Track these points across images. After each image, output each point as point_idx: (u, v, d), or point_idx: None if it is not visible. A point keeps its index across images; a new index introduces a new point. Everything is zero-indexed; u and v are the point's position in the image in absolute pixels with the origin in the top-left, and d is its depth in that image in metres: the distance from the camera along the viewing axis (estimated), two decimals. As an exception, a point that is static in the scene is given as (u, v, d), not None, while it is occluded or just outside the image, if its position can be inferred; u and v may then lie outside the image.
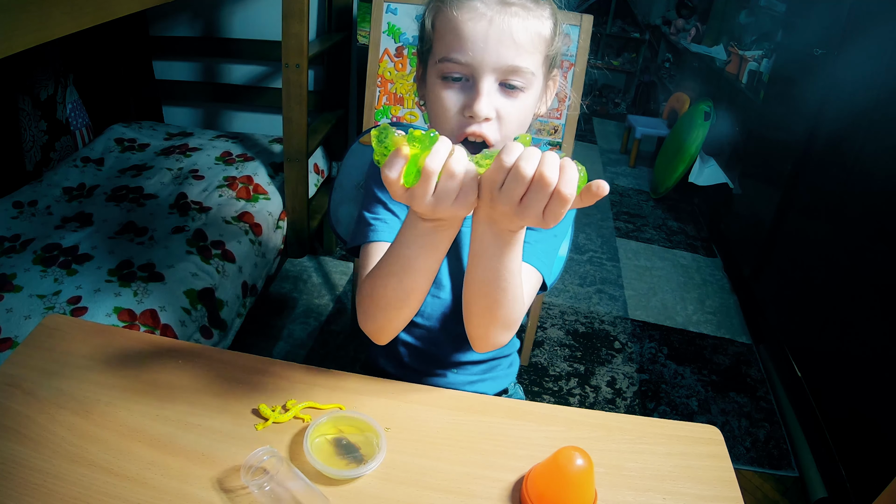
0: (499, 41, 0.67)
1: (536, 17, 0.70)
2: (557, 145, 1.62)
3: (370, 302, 0.73)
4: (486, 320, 0.72)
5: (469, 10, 0.68)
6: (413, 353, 0.93)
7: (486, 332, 0.74)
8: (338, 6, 2.27)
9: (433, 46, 0.72)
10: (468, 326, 0.75)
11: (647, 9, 5.10)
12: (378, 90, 1.63)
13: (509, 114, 0.70)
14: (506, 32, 0.68)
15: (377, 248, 0.80)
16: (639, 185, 3.65)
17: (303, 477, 0.64)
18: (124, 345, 0.82)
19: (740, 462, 1.71)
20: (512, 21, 0.68)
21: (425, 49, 0.75)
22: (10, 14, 0.71)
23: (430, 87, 0.74)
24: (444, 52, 0.70)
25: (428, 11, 0.73)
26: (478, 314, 0.72)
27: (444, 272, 0.88)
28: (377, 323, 0.74)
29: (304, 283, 2.23)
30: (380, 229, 0.82)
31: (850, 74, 1.87)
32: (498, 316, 0.71)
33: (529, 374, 1.96)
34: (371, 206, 0.84)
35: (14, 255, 1.52)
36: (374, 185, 0.85)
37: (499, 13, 0.68)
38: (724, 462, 0.74)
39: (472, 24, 0.68)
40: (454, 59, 0.69)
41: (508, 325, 0.73)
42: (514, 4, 0.69)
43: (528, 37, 0.69)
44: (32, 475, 0.63)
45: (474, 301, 0.71)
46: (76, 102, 2.17)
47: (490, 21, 0.67)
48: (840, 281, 1.74)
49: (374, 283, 0.71)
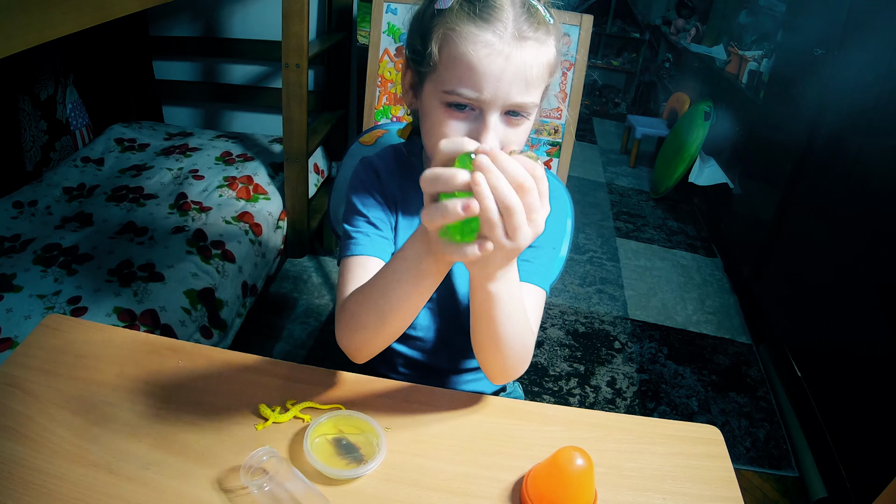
0: (512, 80, 0.65)
1: (547, 46, 0.68)
2: (557, 145, 1.62)
3: (349, 319, 0.71)
4: (500, 359, 0.72)
5: (485, 45, 0.64)
6: (409, 363, 0.93)
7: (502, 369, 0.74)
8: (338, 6, 2.27)
9: (438, 72, 0.68)
10: (485, 368, 0.76)
11: (647, 9, 5.10)
12: (378, 90, 1.63)
13: (512, 141, 0.69)
14: (520, 70, 0.65)
15: (357, 261, 0.78)
16: (639, 185, 3.65)
17: (302, 477, 0.64)
18: (124, 345, 0.82)
19: (740, 462, 1.71)
20: (527, 55, 0.65)
21: (425, 69, 0.71)
22: (10, 14, 0.71)
23: (428, 107, 0.71)
24: (453, 85, 0.66)
25: (434, 36, 0.67)
26: (490, 356, 0.72)
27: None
28: (351, 341, 0.73)
29: (304, 283, 2.23)
30: (361, 242, 0.79)
31: (849, 74, 1.87)
32: (508, 353, 0.71)
33: (529, 374, 1.96)
34: (351, 219, 0.82)
35: (14, 255, 1.52)
36: (354, 197, 0.83)
37: (516, 49, 0.64)
38: (724, 462, 0.74)
39: (488, 60, 0.64)
40: (465, 95, 0.66)
41: (523, 358, 0.73)
42: (528, 38, 0.65)
43: (539, 72, 0.67)
44: (32, 475, 0.62)
45: (484, 348, 0.71)
46: (76, 102, 2.17)
47: (507, 58, 0.64)
48: (840, 281, 1.74)
49: (357, 302, 0.70)
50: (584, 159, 3.91)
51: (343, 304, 0.73)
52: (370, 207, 0.82)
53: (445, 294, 0.87)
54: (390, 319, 0.68)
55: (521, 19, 0.65)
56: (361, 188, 0.84)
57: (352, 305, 0.71)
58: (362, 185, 0.84)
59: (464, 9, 0.66)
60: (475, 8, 0.65)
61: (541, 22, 0.67)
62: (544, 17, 0.68)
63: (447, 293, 0.87)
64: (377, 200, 0.83)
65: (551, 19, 0.69)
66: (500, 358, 0.72)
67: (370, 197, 0.83)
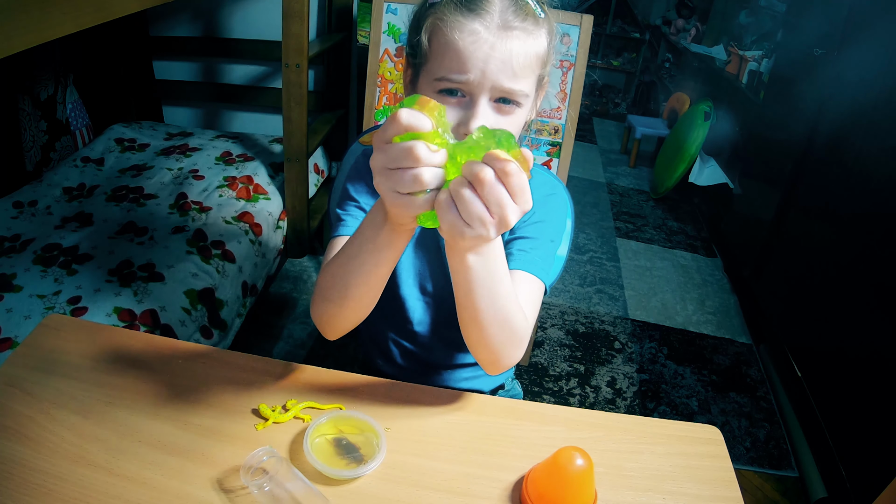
0: (498, 66, 0.66)
1: (535, 38, 0.69)
2: (557, 145, 1.62)
3: (317, 294, 0.73)
4: (487, 341, 0.69)
5: (470, 32, 0.66)
6: (407, 355, 0.94)
7: (491, 354, 0.71)
8: (338, 6, 2.27)
9: (429, 62, 0.71)
10: (475, 353, 0.73)
11: (647, 9, 5.10)
12: (378, 90, 1.63)
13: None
14: (506, 58, 0.66)
15: (340, 242, 0.79)
16: (639, 185, 3.65)
17: (302, 477, 0.64)
18: (124, 345, 0.82)
19: (740, 462, 1.71)
20: (512, 46, 0.67)
21: (418, 62, 0.74)
22: (10, 14, 0.71)
23: None
24: (442, 72, 0.68)
25: (424, 28, 0.71)
26: (476, 337, 0.69)
27: (428, 279, 0.88)
28: (318, 314, 0.73)
29: (304, 283, 2.23)
30: (348, 224, 0.81)
31: (849, 74, 1.87)
32: (495, 333, 0.68)
33: (529, 374, 1.96)
34: (343, 204, 0.84)
35: (14, 255, 1.52)
36: (349, 184, 0.85)
37: (500, 38, 0.66)
38: (724, 462, 0.74)
39: (473, 47, 0.66)
40: (452, 80, 0.68)
41: (514, 343, 0.71)
42: (515, 28, 0.67)
43: (527, 61, 0.68)
44: (32, 475, 0.62)
45: (469, 327, 0.68)
46: (76, 102, 2.17)
47: (492, 46, 0.66)
48: (840, 281, 1.74)
49: (323, 277, 0.72)
50: (584, 159, 3.91)
51: (317, 280, 0.74)
52: (362, 194, 0.83)
53: (441, 287, 0.87)
54: (353, 292, 0.68)
55: (509, 11, 0.68)
56: (357, 177, 0.85)
57: (320, 280, 0.73)
58: (358, 175, 0.86)
59: (453, 1, 0.68)
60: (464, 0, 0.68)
61: (529, 14, 0.69)
62: (534, 10, 0.69)
63: (443, 286, 0.87)
64: (370, 189, 0.84)
65: (542, 13, 0.71)
66: (484, 338, 0.68)
67: (364, 185, 0.84)
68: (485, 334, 0.68)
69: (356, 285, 0.67)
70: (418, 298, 0.89)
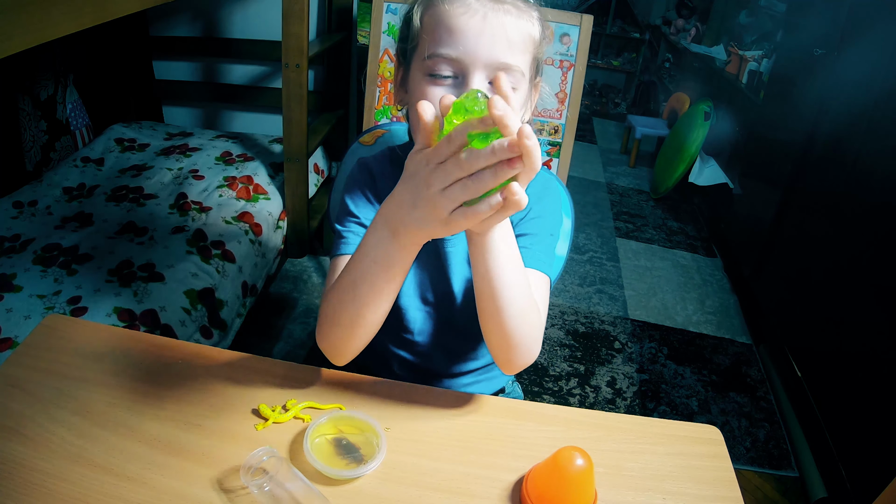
0: (492, 37, 0.66)
1: (527, 17, 0.70)
2: (557, 145, 1.62)
3: (324, 319, 0.70)
4: (510, 334, 0.68)
5: (461, 4, 0.67)
6: (405, 365, 0.92)
7: (511, 350, 0.70)
8: (338, 6, 2.27)
9: (420, 43, 0.71)
10: (495, 352, 0.73)
11: (647, 9, 5.10)
12: (378, 90, 1.63)
13: None
14: (499, 29, 0.67)
15: (344, 261, 0.76)
16: (639, 185, 3.65)
17: (302, 477, 0.64)
18: (124, 345, 0.82)
19: (740, 462, 1.71)
20: (505, 18, 0.67)
21: (410, 48, 0.73)
22: (10, 14, 0.71)
23: (414, 86, 0.72)
24: (433, 48, 0.68)
25: (416, 8, 0.72)
26: (498, 333, 0.69)
27: (429, 288, 0.87)
28: (328, 340, 0.71)
29: (304, 283, 2.23)
30: (350, 242, 0.79)
31: (849, 74, 1.87)
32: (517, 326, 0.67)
33: (529, 374, 1.96)
34: (343, 219, 0.82)
35: (14, 255, 1.52)
36: (347, 197, 0.83)
37: (492, 10, 0.67)
38: (724, 462, 0.74)
39: (465, 18, 0.66)
40: (444, 55, 0.67)
41: (533, 336, 0.70)
42: (506, 2, 0.68)
43: (520, 36, 0.69)
44: (32, 475, 0.62)
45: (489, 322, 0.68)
46: (76, 102, 2.17)
47: (484, 17, 0.66)
48: (840, 281, 1.74)
49: (331, 299, 0.69)
50: (584, 159, 3.91)
51: (321, 306, 0.72)
52: (361, 208, 0.82)
53: (441, 296, 0.87)
54: (364, 313, 0.66)
55: None
56: (355, 188, 0.83)
57: (325, 306, 0.70)
58: (356, 186, 0.84)
59: None
60: None
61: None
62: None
63: (442, 295, 0.86)
64: (370, 201, 0.82)
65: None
66: (506, 331, 0.67)
67: (363, 198, 0.82)
68: (507, 327, 0.67)
69: (366, 304, 0.66)
70: (419, 308, 0.88)
